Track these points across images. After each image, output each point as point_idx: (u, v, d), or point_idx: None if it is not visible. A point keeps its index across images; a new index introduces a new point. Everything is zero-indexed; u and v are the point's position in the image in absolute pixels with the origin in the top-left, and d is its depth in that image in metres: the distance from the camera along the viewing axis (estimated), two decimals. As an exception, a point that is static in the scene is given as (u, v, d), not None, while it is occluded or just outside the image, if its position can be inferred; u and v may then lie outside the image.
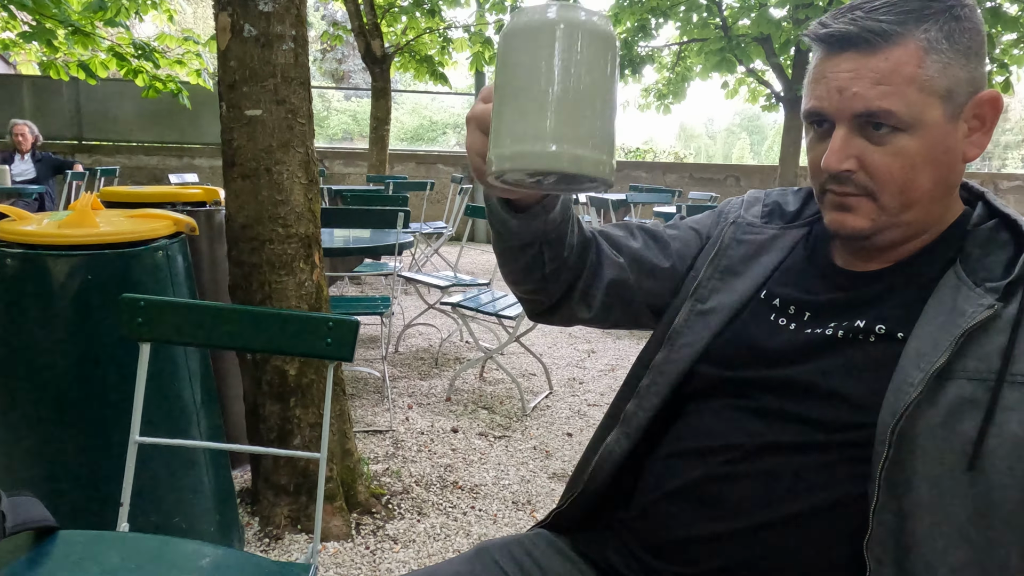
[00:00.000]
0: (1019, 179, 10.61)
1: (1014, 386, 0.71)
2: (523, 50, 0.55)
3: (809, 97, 0.82)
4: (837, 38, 0.78)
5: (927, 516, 0.71)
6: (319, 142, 26.06)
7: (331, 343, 1.24)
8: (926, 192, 0.80)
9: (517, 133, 0.55)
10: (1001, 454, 0.70)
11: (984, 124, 0.81)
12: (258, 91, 1.91)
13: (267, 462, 2.14)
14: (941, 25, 0.76)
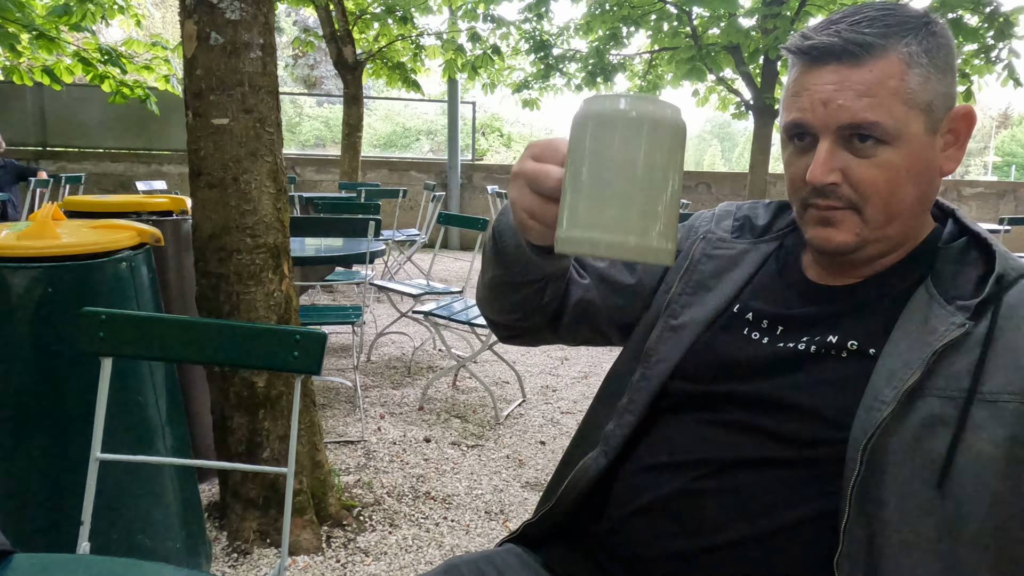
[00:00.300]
0: (981, 186, 10.85)
1: (983, 404, 0.72)
2: (606, 140, 0.57)
3: (790, 110, 0.81)
4: (821, 50, 0.78)
5: (897, 533, 0.71)
6: (291, 148, 25.88)
7: (298, 356, 1.22)
8: (908, 206, 0.80)
9: (596, 220, 0.57)
10: (970, 472, 0.70)
11: (958, 139, 0.82)
12: (225, 100, 1.89)
13: (236, 475, 2.11)
14: (920, 40, 0.77)
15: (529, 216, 0.69)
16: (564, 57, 8.29)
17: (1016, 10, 6.28)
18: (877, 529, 0.72)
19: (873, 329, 0.80)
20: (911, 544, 0.71)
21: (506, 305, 0.92)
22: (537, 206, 0.67)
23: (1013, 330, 0.74)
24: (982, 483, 0.70)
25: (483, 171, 10.19)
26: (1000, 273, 0.77)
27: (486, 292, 0.93)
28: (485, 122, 26.28)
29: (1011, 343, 0.73)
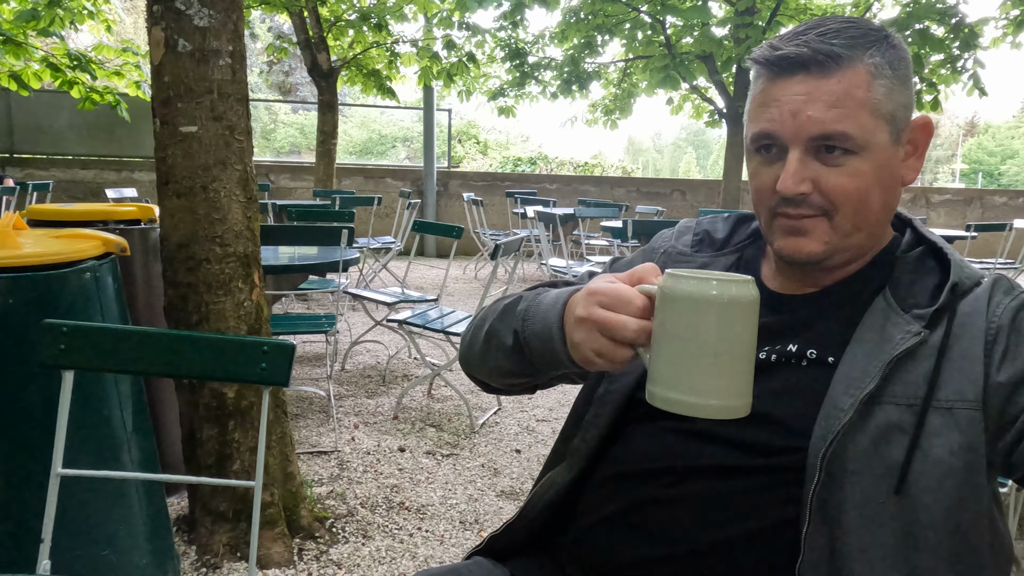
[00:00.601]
0: (949, 193, 11.06)
1: (939, 411, 0.73)
2: (701, 319, 0.64)
3: (758, 120, 0.81)
4: (791, 60, 0.78)
5: (857, 540, 0.72)
6: (265, 155, 25.64)
7: (266, 368, 1.21)
8: (875, 215, 0.81)
9: (691, 386, 0.65)
10: (927, 478, 0.71)
11: (917, 149, 0.84)
12: (193, 107, 1.86)
13: (205, 488, 2.07)
14: (883, 52, 0.78)
15: (597, 355, 0.72)
16: (539, 65, 8.33)
17: (980, 21, 6.43)
18: (837, 536, 0.72)
19: (832, 338, 0.81)
20: (871, 551, 0.72)
21: (506, 383, 0.94)
22: (608, 349, 0.71)
23: (967, 338, 0.75)
24: (939, 490, 0.71)
25: (459, 178, 10.18)
26: (955, 282, 0.78)
27: (487, 372, 0.93)
28: (461, 129, 26.27)
29: (965, 351, 0.74)
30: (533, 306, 0.82)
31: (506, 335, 0.85)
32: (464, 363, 0.98)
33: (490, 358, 0.90)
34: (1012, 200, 10.77)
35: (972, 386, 0.73)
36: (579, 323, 0.73)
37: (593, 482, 0.89)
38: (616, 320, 0.70)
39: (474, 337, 0.94)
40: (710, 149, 50.54)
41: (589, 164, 18.66)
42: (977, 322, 0.76)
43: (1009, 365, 0.73)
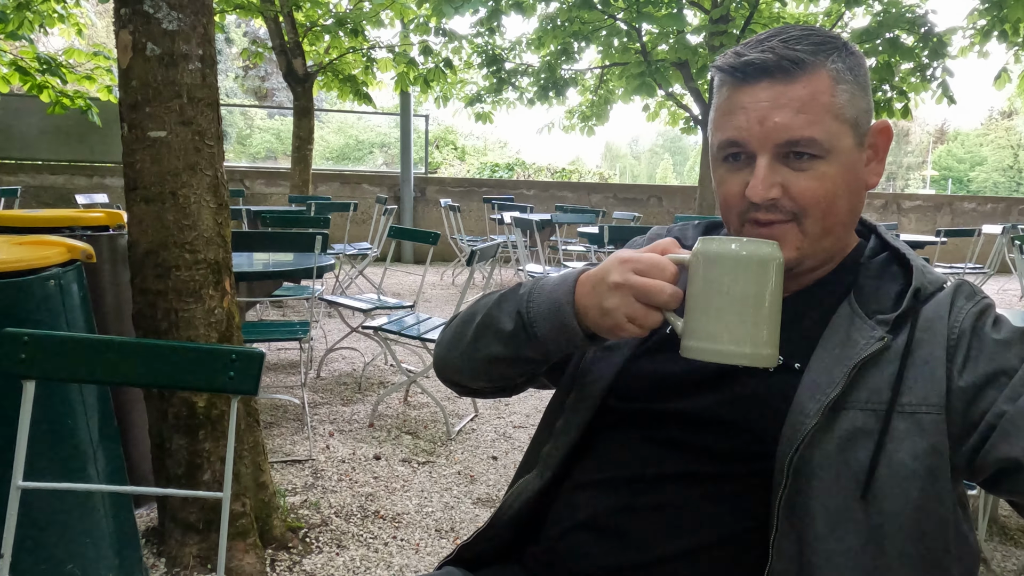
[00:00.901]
0: (920, 199, 11.25)
1: (903, 416, 0.73)
2: (732, 275, 0.71)
3: (725, 129, 0.81)
4: (756, 67, 0.78)
5: (824, 545, 0.72)
6: (241, 161, 25.40)
7: (234, 376, 1.18)
8: (842, 218, 0.82)
9: (723, 335, 0.71)
10: (891, 483, 0.72)
11: (878, 153, 0.84)
12: (162, 112, 1.83)
13: (175, 499, 2.03)
14: (844, 58, 0.79)
15: (629, 320, 0.75)
16: (516, 71, 8.34)
17: (948, 31, 6.55)
18: (805, 542, 0.72)
19: (799, 344, 0.81)
20: (839, 557, 0.72)
21: (489, 379, 0.93)
22: (641, 313, 0.74)
23: (930, 343, 0.76)
24: (904, 494, 0.71)
25: (436, 184, 10.16)
26: (917, 287, 0.79)
27: (472, 368, 0.92)
28: (439, 135, 26.25)
29: (928, 356, 0.75)
30: (537, 288, 0.84)
31: (505, 320, 0.85)
32: (442, 363, 0.97)
33: (482, 350, 0.88)
34: (980, 206, 10.98)
35: (935, 391, 0.73)
36: (614, 289, 0.75)
37: (564, 490, 0.89)
38: (653, 284, 0.73)
39: (459, 332, 0.93)
40: (686, 155, 51.00)
41: (566, 170, 18.74)
42: (940, 327, 0.76)
43: (971, 370, 0.74)
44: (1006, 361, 0.73)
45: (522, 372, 0.91)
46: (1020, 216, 10.85)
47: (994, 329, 0.76)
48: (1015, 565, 2.24)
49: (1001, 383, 0.72)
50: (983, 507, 2.16)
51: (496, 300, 0.89)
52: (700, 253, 0.73)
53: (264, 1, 7.10)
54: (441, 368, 0.97)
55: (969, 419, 0.72)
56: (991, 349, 0.74)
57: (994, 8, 6.26)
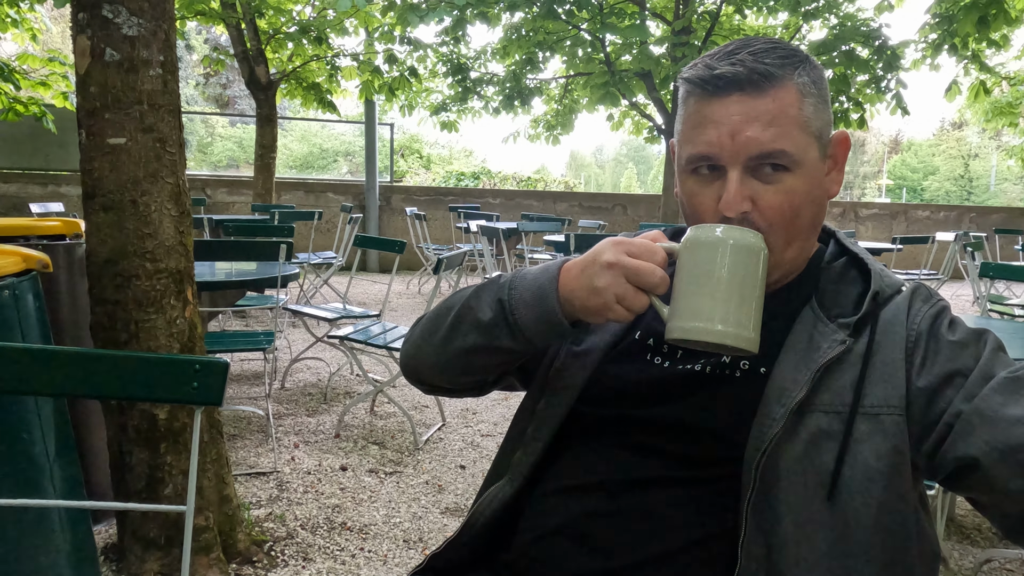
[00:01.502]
0: (876, 207, 11.53)
1: (866, 418, 0.75)
2: (718, 260, 0.74)
3: (695, 143, 0.81)
4: (726, 80, 0.78)
5: (792, 548, 0.73)
6: (202, 169, 24.99)
7: (198, 387, 1.16)
8: (804, 230, 0.83)
9: (709, 316, 0.73)
10: (856, 484, 0.73)
11: (838, 163, 0.86)
12: (122, 118, 1.80)
13: (135, 514, 1.98)
14: (808, 71, 0.80)
15: (617, 300, 0.76)
16: (482, 80, 8.36)
17: (902, 44, 6.74)
18: (773, 545, 0.73)
19: (764, 348, 0.82)
20: (805, 559, 0.73)
21: (461, 373, 0.92)
22: (630, 295, 0.76)
23: (890, 345, 0.78)
24: (869, 494, 0.73)
25: (402, 193, 10.12)
26: (876, 291, 0.81)
27: (443, 362, 0.91)
28: (404, 143, 26.16)
29: (888, 358, 0.77)
30: (519, 276, 0.84)
31: (484, 310, 0.85)
32: (410, 359, 0.95)
33: (457, 341, 0.88)
34: (934, 214, 11.29)
35: (896, 392, 0.75)
36: (606, 268, 0.76)
37: (535, 496, 0.88)
38: (645, 266, 0.75)
39: (432, 326, 0.92)
40: (650, 164, 51.55)
41: (532, 179, 18.80)
42: (898, 330, 0.78)
43: (928, 371, 0.76)
44: (961, 362, 0.75)
45: (497, 364, 0.90)
46: (971, 224, 11.18)
47: (949, 331, 0.78)
48: (972, 563, 2.29)
49: (957, 383, 0.74)
50: (941, 507, 2.21)
51: (474, 291, 0.88)
52: (690, 239, 0.76)
53: (226, 8, 7.02)
54: (410, 365, 0.96)
55: (928, 419, 0.74)
56: (947, 350, 0.76)
57: (944, 23, 6.46)
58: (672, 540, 0.78)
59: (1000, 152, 27.95)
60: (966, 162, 40.67)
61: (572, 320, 0.81)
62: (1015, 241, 7.19)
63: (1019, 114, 11.97)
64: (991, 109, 12.20)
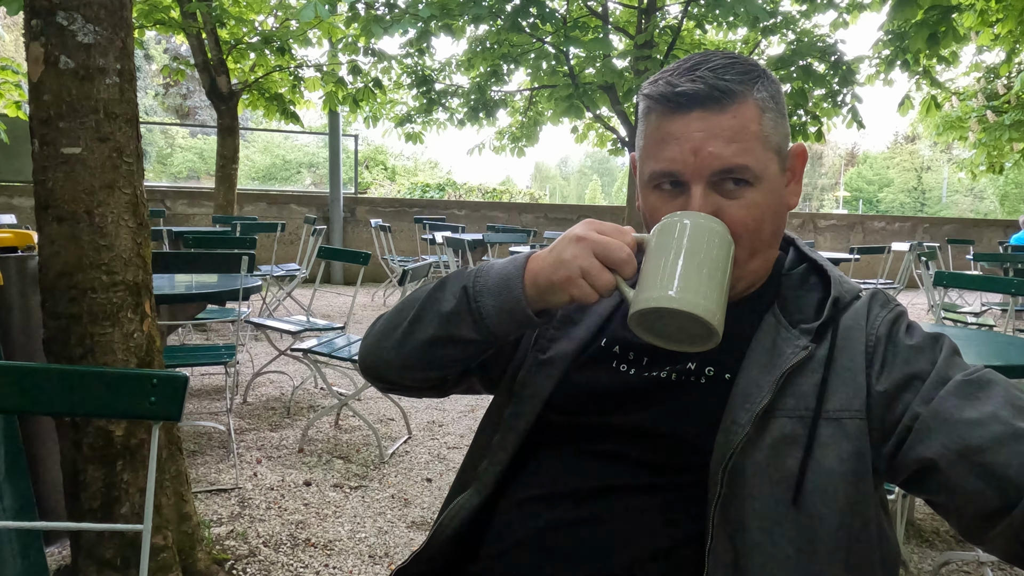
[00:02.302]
0: (834, 219, 11.79)
1: (829, 422, 0.76)
2: (687, 236, 0.75)
3: (657, 159, 0.82)
4: (688, 96, 0.79)
5: (758, 553, 0.73)
6: (162, 180, 24.55)
7: (156, 402, 1.13)
8: (767, 242, 0.84)
9: (681, 287, 0.73)
10: (820, 488, 0.74)
11: (796, 175, 0.88)
12: (77, 127, 1.76)
13: (89, 535, 1.92)
14: (767, 86, 0.82)
15: (582, 275, 0.76)
16: (446, 92, 8.37)
17: (856, 59, 6.92)
18: (741, 551, 0.74)
19: (728, 355, 0.83)
20: (771, 563, 0.73)
21: (422, 367, 0.90)
22: (596, 270, 0.76)
23: (850, 350, 0.79)
24: (832, 498, 0.74)
25: (366, 204, 10.06)
26: (836, 296, 0.83)
27: (403, 356, 0.89)
28: (368, 155, 26.04)
29: (849, 363, 0.78)
30: (487, 266, 0.85)
31: (448, 299, 0.84)
32: (369, 356, 0.93)
33: (416, 332, 0.87)
34: (889, 225, 11.59)
35: (857, 396, 0.77)
36: (575, 241, 0.77)
37: (501, 507, 0.88)
38: (613, 242, 0.76)
39: (393, 321, 0.91)
40: (614, 176, 52.07)
41: (497, 190, 18.85)
42: (858, 335, 0.80)
43: (887, 375, 0.77)
44: (919, 365, 0.77)
45: (459, 358, 0.88)
46: (925, 234, 11.50)
47: (907, 335, 0.80)
48: (930, 566, 2.34)
49: (915, 387, 0.75)
50: (900, 511, 2.26)
51: (438, 283, 0.88)
52: (660, 225, 0.78)
53: (186, 17, 6.92)
54: (367, 361, 0.94)
55: (887, 422, 0.75)
56: (905, 354, 0.78)
57: (897, 40, 6.66)
58: (639, 549, 0.78)
59: (951, 165, 28.83)
60: (919, 174, 41.87)
61: (537, 310, 0.81)
62: (966, 251, 7.41)
63: (968, 128, 12.38)
64: (942, 123, 12.61)
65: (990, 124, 11.96)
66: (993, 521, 0.67)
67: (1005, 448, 0.67)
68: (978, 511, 0.68)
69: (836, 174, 45.00)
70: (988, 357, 2.09)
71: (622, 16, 8.19)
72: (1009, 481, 0.66)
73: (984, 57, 12.15)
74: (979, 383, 0.74)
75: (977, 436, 0.69)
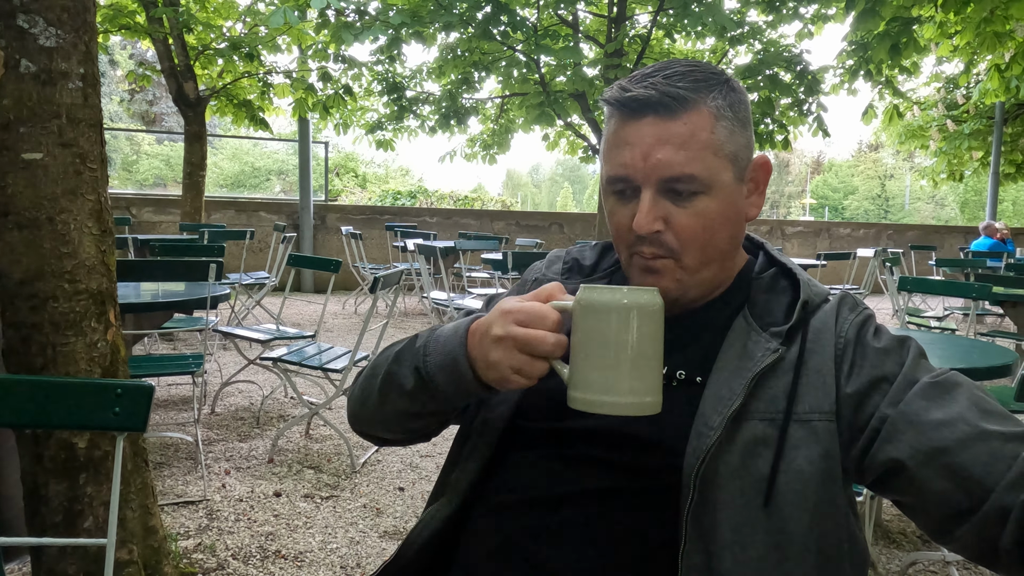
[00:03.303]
0: (801, 225, 11.98)
1: (799, 424, 0.76)
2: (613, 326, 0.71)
3: (612, 164, 0.83)
4: (640, 102, 0.81)
5: (731, 555, 0.74)
6: (127, 188, 24.13)
7: (120, 412, 1.11)
8: (721, 250, 0.85)
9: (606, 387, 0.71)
10: (791, 489, 0.74)
11: (759, 186, 0.89)
12: (38, 132, 1.72)
13: (51, 550, 1.87)
14: (725, 95, 0.83)
15: (515, 372, 0.75)
16: (418, 99, 8.35)
17: (821, 69, 7.06)
18: (713, 552, 0.74)
19: (699, 358, 0.84)
20: (744, 565, 0.74)
21: (405, 430, 0.93)
22: (527, 365, 0.74)
23: (820, 353, 0.80)
24: (803, 498, 0.74)
25: (337, 212, 9.99)
26: (805, 299, 0.84)
27: (384, 423, 0.93)
28: (339, 162, 25.88)
29: (819, 365, 0.79)
30: (432, 340, 0.83)
31: (405, 377, 0.84)
32: (355, 418, 0.97)
33: (389, 406, 0.89)
34: (855, 231, 11.81)
35: (826, 398, 0.77)
36: (496, 342, 0.75)
37: (474, 515, 0.87)
38: (535, 335, 0.73)
39: (366, 389, 0.92)
40: (585, 184, 52.38)
41: (469, 198, 18.85)
42: (827, 337, 0.81)
43: (855, 377, 0.78)
44: (887, 368, 0.78)
45: (432, 423, 0.92)
46: (888, 240, 11.74)
47: (875, 338, 0.81)
48: (898, 566, 2.37)
49: (883, 389, 0.76)
50: (869, 512, 2.29)
51: (395, 356, 0.88)
52: (581, 301, 0.73)
53: (152, 22, 6.83)
54: (354, 423, 0.98)
55: (856, 424, 0.76)
56: (873, 357, 0.79)
57: (860, 50, 6.80)
58: (612, 554, 0.78)
59: (913, 173, 29.50)
60: (882, 182, 42.78)
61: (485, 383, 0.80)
62: (929, 256, 7.59)
63: (929, 137, 12.68)
64: (904, 132, 12.91)
65: (950, 133, 12.28)
66: (959, 520, 0.69)
67: (971, 448, 0.69)
68: (945, 511, 0.70)
69: (803, 182, 45.78)
70: (952, 360, 2.13)
71: (592, 25, 8.26)
72: (975, 481, 0.67)
73: (944, 68, 12.49)
74: (945, 385, 0.75)
75: (944, 437, 0.70)
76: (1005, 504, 0.65)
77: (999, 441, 0.69)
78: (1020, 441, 0.68)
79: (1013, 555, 0.65)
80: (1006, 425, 0.70)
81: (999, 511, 0.66)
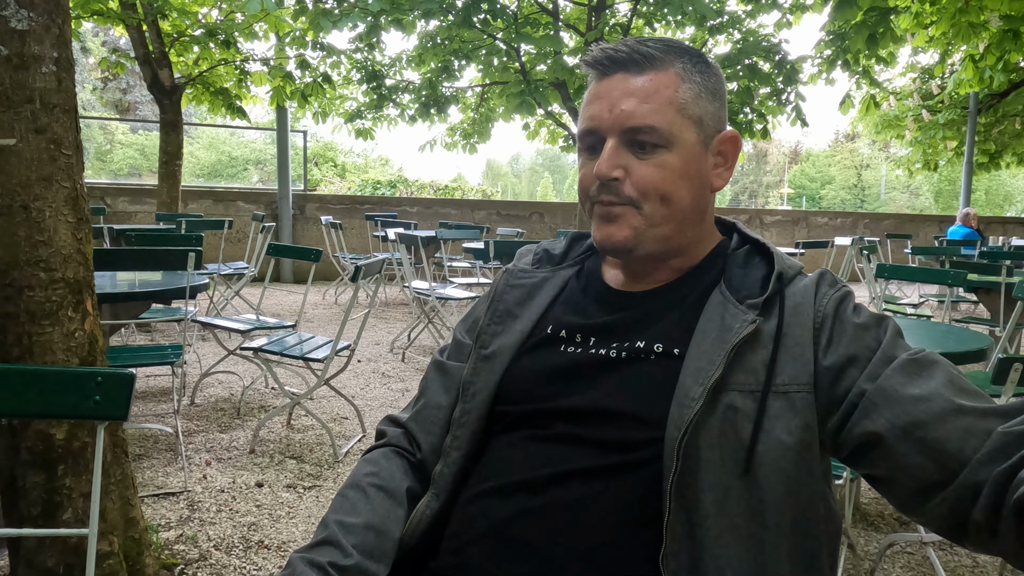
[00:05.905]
0: (779, 215, 12.09)
1: (778, 396, 0.78)
2: None
3: (584, 119, 0.88)
4: (612, 59, 0.87)
5: (713, 524, 0.75)
6: (101, 177, 23.76)
7: (100, 401, 1.09)
8: (683, 207, 0.87)
9: None
10: (769, 460, 0.76)
11: (727, 160, 0.91)
12: (11, 118, 1.68)
13: (30, 542, 1.84)
14: (695, 63, 0.87)
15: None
16: (397, 88, 8.29)
17: (800, 59, 7.10)
18: (696, 523, 0.75)
19: (676, 331, 0.85)
20: (727, 534, 0.75)
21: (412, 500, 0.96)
22: None
23: (798, 327, 0.82)
24: (781, 469, 0.76)
25: (316, 201, 9.91)
26: (780, 271, 0.86)
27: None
28: (318, 151, 25.66)
29: (797, 338, 0.81)
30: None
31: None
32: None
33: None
34: (832, 220, 11.93)
35: (804, 371, 0.79)
36: None
37: (461, 503, 0.87)
38: None
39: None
40: (565, 174, 52.38)
41: (449, 187, 18.78)
42: (806, 311, 0.83)
43: (833, 351, 0.80)
44: (865, 343, 0.79)
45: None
46: (865, 229, 11.88)
47: (854, 314, 0.83)
48: (876, 547, 2.41)
49: (861, 364, 0.78)
50: (848, 495, 2.32)
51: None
52: None
53: (125, 8, 6.71)
54: None
55: (833, 397, 0.78)
56: (851, 332, 0.81)
57: (837, 40, 6.85)
58: (598, 532, 0.78)
59: (889, 162, 29.84)
60: (859, 172, 43.22)
61: None
62: (904, 245, 7.68)
63: (905, 127, 12.82)
64: (880, 122, 13.03)
65: (925, 123, 12.42)
66: (931, 493, 0.70)
67: (947, 423, 0.70)
68: (918, 484, 0.71)
69: (780, 171, 46.13)
70: (928, 345, 2.15)
71: (572, 13, 8.24)
72: (950, 455, 0.69)
73: (919, 58, 12.61)
74: (923, 363, 0.77)
75: (921, 411, 0.72)
76: (978, 479, 0.67)
77: (974, 417, 0.70)
78: (994, 417, 0.70)
79: (983, 528, 0.66)
80: (980, 402, 0.72)
81: (971, 485, 0.67)
